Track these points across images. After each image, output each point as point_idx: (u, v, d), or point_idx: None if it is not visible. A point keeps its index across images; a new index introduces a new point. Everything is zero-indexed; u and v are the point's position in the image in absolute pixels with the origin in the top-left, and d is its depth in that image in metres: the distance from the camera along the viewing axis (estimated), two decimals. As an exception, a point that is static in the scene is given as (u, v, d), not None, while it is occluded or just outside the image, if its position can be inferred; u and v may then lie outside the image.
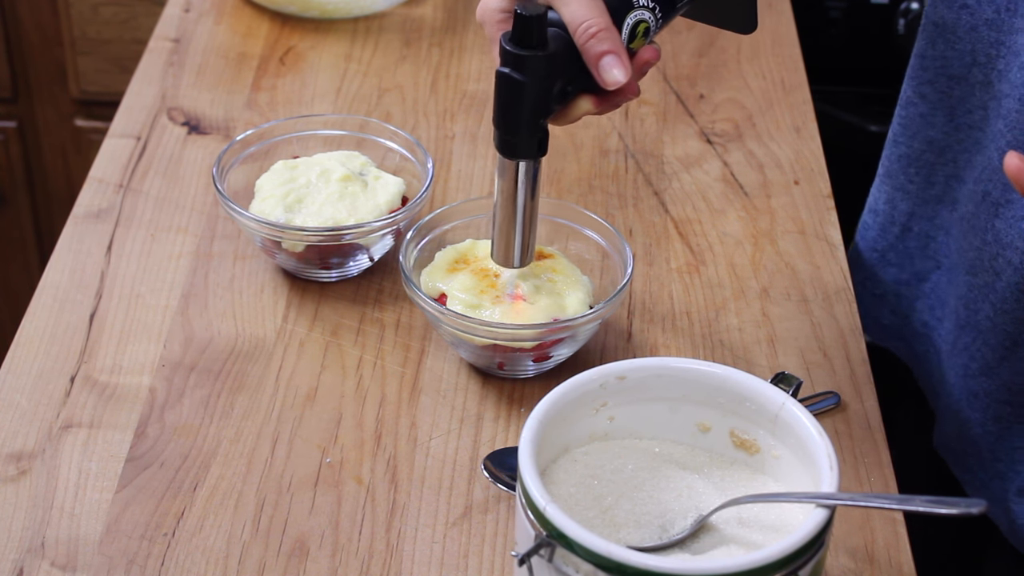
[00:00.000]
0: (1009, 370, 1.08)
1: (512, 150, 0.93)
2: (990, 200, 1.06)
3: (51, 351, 1.08)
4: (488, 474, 0.98)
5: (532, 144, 0.93)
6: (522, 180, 0.95)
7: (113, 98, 1.45)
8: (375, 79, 1.38)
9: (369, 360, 1.08)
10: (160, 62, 1.39)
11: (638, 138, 1.31)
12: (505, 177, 0.95)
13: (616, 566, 0.76)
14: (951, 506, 0.83)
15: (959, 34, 1.07)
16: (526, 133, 0.92)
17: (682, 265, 1.17)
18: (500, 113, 0.92)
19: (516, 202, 0.95)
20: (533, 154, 0.93)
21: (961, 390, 1.13)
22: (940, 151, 1.14)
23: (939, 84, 1.11)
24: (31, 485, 0.98)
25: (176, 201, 1.22)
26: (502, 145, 0.93)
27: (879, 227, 1.21)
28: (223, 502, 0.97)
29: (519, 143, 0.92)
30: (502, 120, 0.92)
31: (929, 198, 1.16)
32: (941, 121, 1.13)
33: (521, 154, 0.93)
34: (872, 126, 1.68)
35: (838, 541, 0.95)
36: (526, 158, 0.93)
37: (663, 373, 0.89)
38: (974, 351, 1.11)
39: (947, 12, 1.08)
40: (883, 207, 1.20)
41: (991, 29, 1.05)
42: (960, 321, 1.13)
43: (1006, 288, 1.06)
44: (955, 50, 1.08)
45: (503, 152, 0.93)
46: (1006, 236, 1.05)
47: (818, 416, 1.02)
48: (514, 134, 0.92)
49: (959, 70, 1.09)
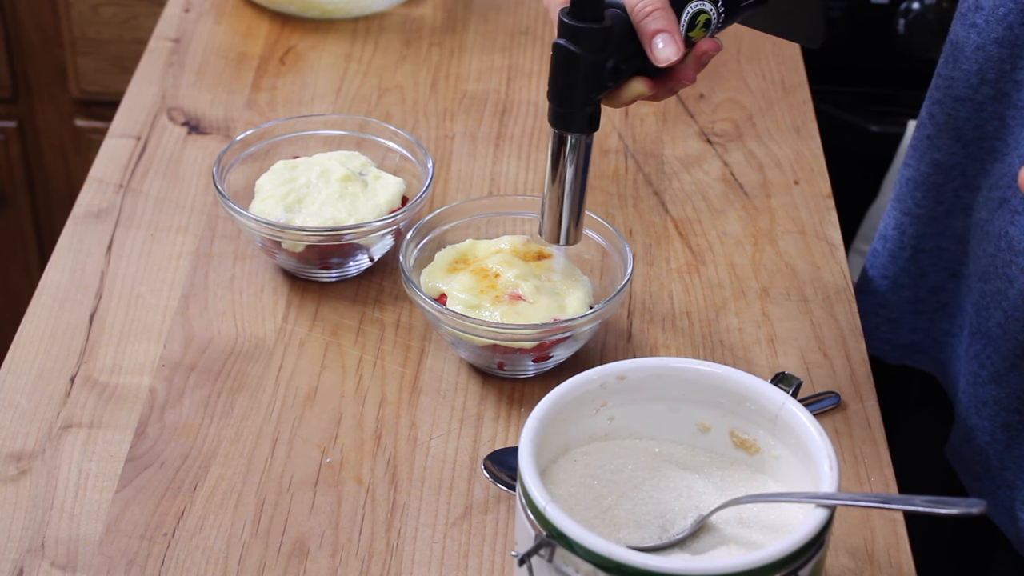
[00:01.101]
0: (1019, 378, 1.08)
1: (564, 122, 0.94)
2: (1008, 207, 1.06)
3: (51, 351, 1.08)
4: (488, 474, 0.98)
5: (584, 118, 0.94)
6: (572, 154, 0.96)
7: (113, 98, 1.45)
8: (375, 79, 1.38)
9: (369, 360, 1.08)
10: (160, 62, 1.39)
11: (638, 138, 1.31)
12: (556, 151, 0.96)
13: (616, 566, 0.76)
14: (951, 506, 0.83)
15: (966, 53, 1.07)
16: (579, 106, 0.93)
17: (682, 265, 1.17)
18: (554, 85, 0.93)
19: (566, 177, 0.96)
20: (585, 128, 0.94)
21: (970, 398, 1.13)
22: (947, 171, 1.13)
23: (945, 105, 1.11)
24: (31, 485, 0.98)
25: (176, 201, 1.22)
26: (555, 117, 0.94)
27: (889, 253, 1.21)
28: (223, 502, 0.97)
29: (572, 116, 0.94)
30: (556, 92, 0.93)
31: (938, 215, 1.16)
32: (947, 143, 1.12)
33: (573, 127, 0.94)
34: (872, 126, 1.68)
35: (838, 541, 0.95)
36: (578, 131, 0.94)
37: (663, 373, 0.89)
38: (984, 358, 1.10)
39: (960, 30, 1.08)
40: (892, 232, 1.20)
41: (1000, 46, 1.05)
42: (971, 328, 1.13)
43: (1018, 295, 1.05)
44: (961, 70, 1.08)
45: (555, 124, 0.94)
46: (1019, 243, 1.04)
47: (818, 416, 1.02)
48: (567, 106, 0.93)
49: (964, 91, 1.09)
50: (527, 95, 1.36)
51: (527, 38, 1.44)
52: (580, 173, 0.97)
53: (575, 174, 0.96)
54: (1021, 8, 1.04)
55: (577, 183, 0.97)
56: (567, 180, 0.97)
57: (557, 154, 0.96)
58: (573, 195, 0.97)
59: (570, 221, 0.99)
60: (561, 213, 0.98)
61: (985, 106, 1.08)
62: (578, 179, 0.97)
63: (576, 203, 0.98)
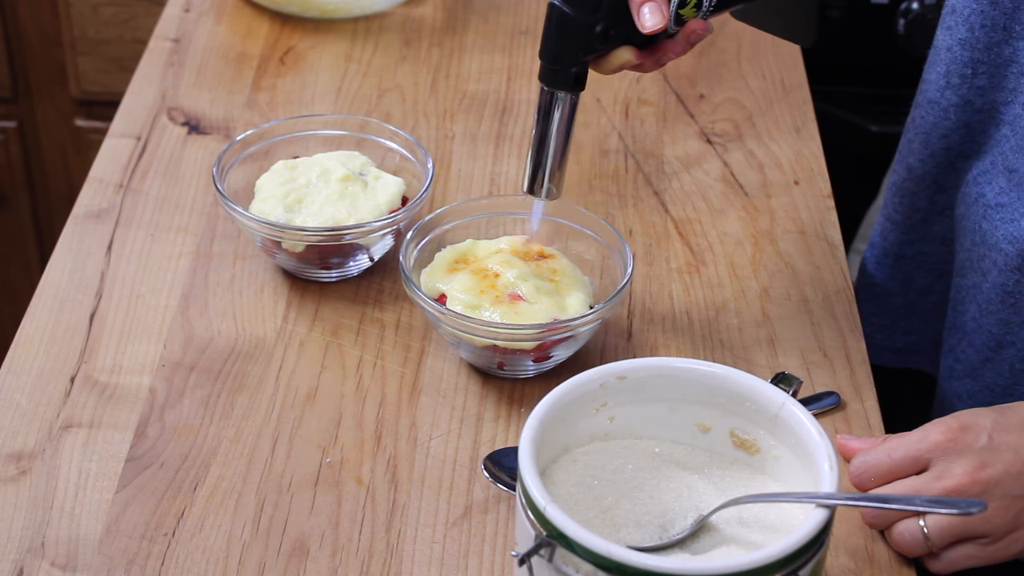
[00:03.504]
0: (992, 372, 1.08)
1: (552, 79, 1.00)
2: (982, 202, 1.07)
3: (51, 351, 1.08)
4: (488, 474, 0.98)
5: (571, 77, 1.00)
6: (557, 111, 1.01)
7: (113, 98, 1.45)
8: (375, 79, 1.38)
9: (369, 360, 1.08)
10: (160, 62, 1.39)
11: (638, 138, 1.31)
12: (542, 107, 1.02)
13: (616, 566, 0.76)
14: (951, 506, 0.83)
15: (940, 55, 1.09)
16: (567, 64, 0.99)
17: (682, 265, 1.17)
18: (545, 43, 0.99)
19: (550, 132, 1.02)
20: (571, 87, 1.00)
21: (947, 392, 1.13)
22: (919, 178, 1.15)
23: (921, 108, 1.12)
24: (31, 485, 0.98)
25: (176, 201, 1.22)
26: (544, 74, 1.00)
27: (876, 260, 1.22)
28: (223, 502, 0.97)
29: (558, 73, 1.00)
30: (546, 50, 0.99)
31: (916, 222, 1.17)
32: (918, 148, 1.13)
33: (559, 84, 1.00)
34: (872, 126, 1.69)
35: (838, 541, 0.95)
36: (563, 88, 1.00)
37: (663, 373, 0.89)
38: (959, 352, 1.11)
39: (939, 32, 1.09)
40: (877, 239, 1.21)
41: (963, 48, 1.06)
42: (948, 323, 1.13)
43: (992, 289, 1.06)
44: (934, 72, 1.10)
45: (543, 80, 1.01)
46: (991, 237, 1.05)
47: (818, 416, 1.02)
48: (556, 63, 1.00)
49: (933, 94, 1.10)
50: (527, 95, 1.36)
51: (527, 38, 1.44)
52: (564, 130, 1.02)
53: (559, 130, 1.02)
54: (982, 8, 1.04)
55: (560, 139, 1.02)
56: (551, 135, 1.02)
57: (544, 110, 1.01)
58: (556, 151, 1.03)
59: (551, 175, 1.04)
60: (544, 166, 1.03)
61: (950, 113, 1.09)
62: (561, 136, 1.02)
63: (557, 158, 1.03)
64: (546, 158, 1.03)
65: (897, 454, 0.92)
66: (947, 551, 0.91)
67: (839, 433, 1.01)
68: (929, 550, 0.91)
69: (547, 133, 1.02)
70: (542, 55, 1.00)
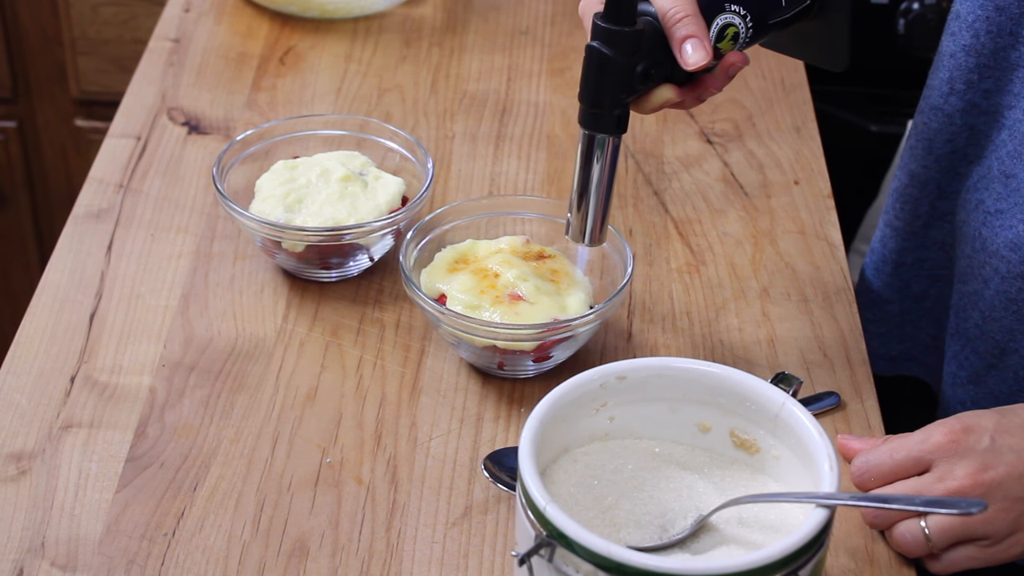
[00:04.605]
0: (996, 378, 1.08)
1: (593, 122, 0.97)
2: (982, 208, 1.07)
3: (51, 351, 1.08)
4: (488, 474, 0.98)
5: (612, 120, 0.96)
6: (599, 155, 0.98)
7: (113, 98, 1.45)
8: (375, 79, 1.38)
9: (369, 360, 1.08)
10: (160, 62, 1.39)
11: (638, 138, 1.31)
12: (584, 151, 0.98)
13: (616, 566, 0.76)
14: (951, 506, 0.83)
15: (944, 61, 1.09)
16: (608, 107, 0.95)
17: (682, 265, 1.17)
18: (585, 86, 0.95)
19: (592, 177, 0.98)
20: (613, 129, 0.97)
21: (950, 399, 1.13)
22: (922, 184, 1.14)
23: (924, 114, 1.12)
24: (31, 485, 0.98)
25: (176, 201, 1.22)
26: (584, 118, 0.97)
27: (874, 267, 1.22)
28: (223, 502, 0.97)
29: (600, 117, 0.96)
30: (587, 93, 0.96)
31: (916, 228, 1.17)
32: (920, 154, 1.13)
33: (602, 128, 0.96)
34: (872, 126, 1.69)
35: (838, 541, 0.95)
36: (605, 132, 0.97)
37: (663, 373, 0.89)
38: (962, 359, 1.11)
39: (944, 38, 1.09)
40: (877, 246, 1.21)
41: (968, 54, 1.06)
42: (950, 329, 1.13)
43: (994, 296, 1.06)
44: (937, 79, 1.10)
45: (584, 124, 0.97)
46: (992, 244, 1.05)
47: (818, 416, 1.02)
48: (597, 107, 0.96)
49: (936, 100, 1.10)
50: (527, 95, 1.36)
51: (527, 38, 1.44)
52: (607, 174, 0.98)
53: (602, 174, 0.98)
54: (987, 15, 1.04)
55: (604, 184, 0.99)
56: (593, 180, 0.98)
57: (585, 154, 0.98)
58: (599, 195, 0.99)
59: (596, 221, 1.00)
60: (587, 213, 1.00)
61: (955, 119, 1.09)
62: (604, 181, 0.98)
63: (602, 203, 0.99)
64: (588, 204, 0.99)
65: (899, 455, 0.92)
66: (948, 552, 0.91)
67: (839, 433, 1.01)
68: (930, 551, 0.91)
69: (589, 178, 0.98)
70: (582, 98, 0.96)
